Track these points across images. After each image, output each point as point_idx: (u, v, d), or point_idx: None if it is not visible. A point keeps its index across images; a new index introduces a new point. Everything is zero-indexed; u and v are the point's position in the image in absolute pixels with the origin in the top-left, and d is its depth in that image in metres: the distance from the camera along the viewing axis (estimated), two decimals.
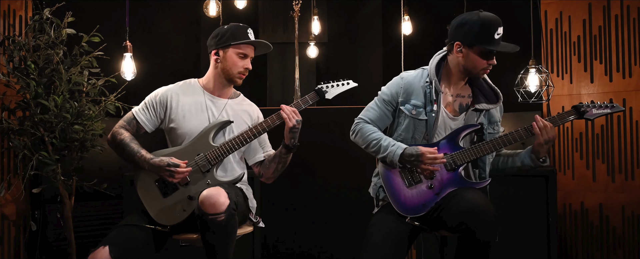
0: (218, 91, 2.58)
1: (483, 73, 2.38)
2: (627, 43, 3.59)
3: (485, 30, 2.28)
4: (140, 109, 2.55)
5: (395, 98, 2.44)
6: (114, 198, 3.62)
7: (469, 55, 2.33)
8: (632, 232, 3.55)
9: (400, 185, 2.39)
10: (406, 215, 2.36)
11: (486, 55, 2.31)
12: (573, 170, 3.80)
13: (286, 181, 3.72)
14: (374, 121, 2.47)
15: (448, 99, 2.42)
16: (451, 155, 2.36)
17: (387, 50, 5.10)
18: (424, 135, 2.40)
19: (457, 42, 2.35)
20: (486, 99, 2.42)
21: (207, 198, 2.19)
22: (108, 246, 2.21)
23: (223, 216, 2.18)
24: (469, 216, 2.13)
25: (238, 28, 2.53)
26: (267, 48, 2.63)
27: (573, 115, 2.35)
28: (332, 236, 3.73)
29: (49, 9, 3.17)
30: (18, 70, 3.09)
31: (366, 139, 2.43)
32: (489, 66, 2.34)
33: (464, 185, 2.35)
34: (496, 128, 2.46)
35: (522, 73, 3.55)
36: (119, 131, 2.50)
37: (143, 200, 2.45)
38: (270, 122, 2.46)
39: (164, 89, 2.58)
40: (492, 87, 2.46)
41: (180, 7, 4.83)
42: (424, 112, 2.39)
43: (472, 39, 2.30)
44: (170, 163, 2.37)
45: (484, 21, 2.28)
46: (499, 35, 2.29)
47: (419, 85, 2.42)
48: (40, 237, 3.45)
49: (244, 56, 2.53)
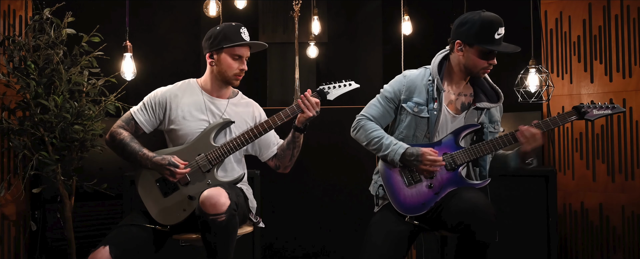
0: (216, 92, 2.56)
1: (483, 73, 2.38)
2: (627, 43, 3.59)
3: (485, 30, 2.28)
4: (138, 109, 2.53)
5: (397, 96, 2.45)
6: (114, 198, 3.62)
7: (469, 54, 2.34)
8: (632, 232, 3.55)
9: (400, 184, 2.39)
10: (405, 214, 2.36)
11: (486, 54, 2.32)
12: (573, 170, 3.80)
13: (286, 181, 3.73)
14: (376, 118, 2.47)
15: (450, 97, 2.43)
16: (451, 155, 2.36)
17: (387, 50, 5.10)
18: (425, 133, 2.41)
19: (458, 41, 2.36)
20: (487, 98, 2.43)
21: (208, 199, 2.18)
22: (108, 246, 2.21)
23: (224, 216, 2.18)
24: (469, 216, 2.14)
25: (230, 29, 2.49)
26: (262, 47, 2.61)
27: (573, 115, 2.35)
28: (332, 236, 3.73)
29: (49, 9, 3.17)
30: (18, 70, 3.09)
31: (368, 136, 2.43)
32: (489, 66, 2.34)
33: (463, 185, 2.35)
34: (497, 127, 2.46)
35: (522, 73, 3.55)
36: (118, 131, 2.48)
37: (143, 200, 2.45)
38: (271, 122, 2.44)
39: (163, 90, 2.56)
40: (493, 87, 2.47)
41: (180, 7, 4.83)
42: (426, 109, 2.39)
43: (472, 38, 2.31)
44: (170, 162, 2.37)
45: (484, 21, 2.29)
46: (499, 36, 2.29)
47: (422, 83, 2.42)
48: (40, 237, 3.45)
49: (239, 57, 2.51)
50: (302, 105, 2.41)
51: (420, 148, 2.33)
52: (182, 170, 2.38)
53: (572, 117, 2.35)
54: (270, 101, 5.16)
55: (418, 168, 2.34)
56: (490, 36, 2.28)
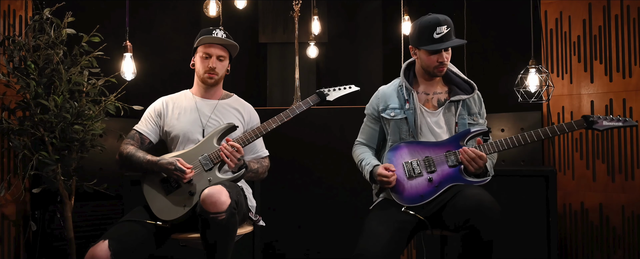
0: (204, 94, 2.67)
1: (439, 70, 2.50)
2: (627, 44, 3.59)
3: (424, 32, 2.44)
4: (141, 123, 2.64)
5: (376, 109, 2.62)
6: (114, 198, 3.62)
7: (420, 56, 2.52)
8: (632, 232, 3.55)
9: (401, 176, 2.47)
10: (403, 204, 2.43)
11: (433, 53, 2.46)
12: (573, 170, 3.80)
13: (286, 182, 3.73)
14: (366, 139, 2.67)
15: (425, 97, 2.56)
16: (454, 152, 2.43)
17: (387, 50, 5.10)
18: (409, 133, 2.53)
19: (410, 46, 2.57)
20: (462, 91, 2.55)
21: (209, 197, 2.21)
22: (107, 241, 2.23)
23: (224, 215, 2.20)
24: (475, 214, 2.17)
25: (204, 32, 2.61)
26: (231, 45, 2.63)
27: (582, 125, 2.35)
28: (332, 236, 3.73)
29: (49, 9, 3.17)
30: (18, 70, 3.09)
31: (356, 161, 2.65)
32: (439, 64, 2.48)
33: (462, 181, 2.40)
34: (476, 119, 2.55)
35: (522, 73, 3.56)
36: (123, 146, 2.56)
37: (146, 196, 2.49)
38: (262, 129, 2.52)
39: (159, 100, 2.69)
40: (466, 80, 2.59)
41: (180, 7, 4.83)
42: (402, 111, 2.53)
43: (415, 42, 2.51)
44: (177, 167, 2.40)
45: (421, 24, 2.47)
46: (439, 35, 2.43)
47: (393, 92, 2.60)
48: (40, 237, 3.45)
49: (207, 56, 2.59)
50: (223, 154, 2.44)
51: (379, 167, 2.45)
52: (189, 175, 2.42)
53: (580, 127, 2.34)
54: (270, 101, 5.16)
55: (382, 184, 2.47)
56: (430, 37, 2.43)
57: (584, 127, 2.35)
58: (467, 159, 2.36)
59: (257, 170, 2.63)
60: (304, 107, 2.55)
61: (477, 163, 2.36)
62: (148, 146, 2.60)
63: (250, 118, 2.70)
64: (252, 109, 2.74)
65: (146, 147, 2.59)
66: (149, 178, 2.51)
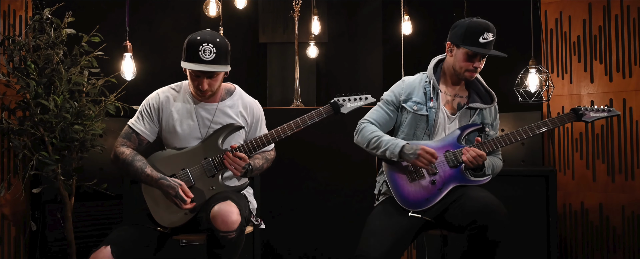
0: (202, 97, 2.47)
1: (469, 75, 2.46)
2: (627, 44, 3.59)
3: (471, 33, 2.40)
4: (136, 120, 2.47)
5: (397, 98, 2.55)
6: (114, 198, 3.62)
7: (456, 55, 2.46)
8: (632, 232, 3.55)
9: (404, 179, 2.45)
10: (408, 208, 2.41)
11: (471, 57, 2.42)
12: (573, 170, 3.80)
13: (286, 182, 3.73)
14: (377, 121, 2.55)
15: (447, 98, 2.53)
16: (453, 152, 2.42)
17: (387, 50, 5.09)
18: (425, 131, 2.49)
19: (448, 42, 2.50)
20: (481, 100, 2.53)
21: (220, 215, 2.16)
22: (110, 246, 2.21)
23: (234, 234, 2.18)
24: (483, 216, 2.20)
25: (192, 46, 2.29)
26: (218, 69, 2.33)
27: (572, 117, 2.44)
28: (332, 237, 3.73)
29: (49, 9, 3.16)
30: (18, 70, 3.09)
31: (366, 137, 2.49)
32: (474, 69, 2.44)
33: (465, 181, 2.41)
34: (488, 129, 2.54)
35: (522, 73, 3.56)
36: (120, 150, 2.41)
37: (147, 201, 2.43)
38: (270, 137, 2.40)
39: (153, 94, 2.50)
40: (487, 89, 2.57)
41: (180, 7, 4.83)
42: (425, 107, 2.49)
43: (458, 40, 2.43)
44: (178, 195, 2.32)
45: (471, 24, 2.41)
46: (485, 40, 2.39)
47: (420, 85, 2.54)
48: (40, 237, 3.45)
49: (196, 76, 2.34)
50: (227, 163, 2.34)
51: (421, 144, 2.39)
52: (188, 206, 2.33)
53: (570, 119, 2.44)
54: (270, 101, 5.15)
55: (414, 162, 2.38)
56: (475, 39, 2.39)
57: (574, 119, 2.44)
58: (470, 159, 2.35)
59: (262, 166, 2.50)
60: (316, 119, 2.41)
61: (477, 162, 2.36)
62: (145, 146, 2.47)
63: (254, 116, 2.55)
64: (255, 105, 2.57)
65: (143, 148, 2.46)
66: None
